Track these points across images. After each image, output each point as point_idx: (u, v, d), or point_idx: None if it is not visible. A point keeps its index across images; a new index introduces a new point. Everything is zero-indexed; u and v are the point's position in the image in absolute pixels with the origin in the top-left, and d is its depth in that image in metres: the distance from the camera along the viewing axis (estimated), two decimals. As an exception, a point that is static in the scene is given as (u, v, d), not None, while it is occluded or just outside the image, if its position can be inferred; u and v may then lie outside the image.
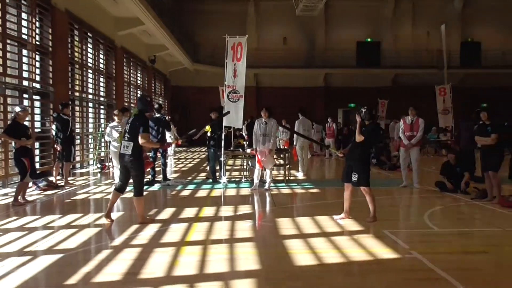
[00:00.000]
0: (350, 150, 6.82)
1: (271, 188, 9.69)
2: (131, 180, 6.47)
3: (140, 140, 6.25)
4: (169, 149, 18.04)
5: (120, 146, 6.68)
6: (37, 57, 11.72)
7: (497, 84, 28.06)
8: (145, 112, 6.56)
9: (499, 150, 8.16)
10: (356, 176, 6.45)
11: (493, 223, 6.93)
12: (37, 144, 11.54)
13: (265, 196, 9.01)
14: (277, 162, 9.61)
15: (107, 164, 13.67)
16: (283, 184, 10.56)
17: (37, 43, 11.70)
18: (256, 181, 9.73)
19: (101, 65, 16.48)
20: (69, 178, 10.51)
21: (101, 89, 16.55)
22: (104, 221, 6.57)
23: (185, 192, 9.61)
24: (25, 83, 11.18)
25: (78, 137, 14.02)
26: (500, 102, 24.95)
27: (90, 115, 15.65)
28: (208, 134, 10.72)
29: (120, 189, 6.51)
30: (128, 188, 6.69)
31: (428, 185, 9.88)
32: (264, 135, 9.47)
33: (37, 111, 11.87)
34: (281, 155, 11.68)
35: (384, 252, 5.03)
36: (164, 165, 10.97)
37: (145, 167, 7.00)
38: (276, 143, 9.79)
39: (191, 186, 10.40)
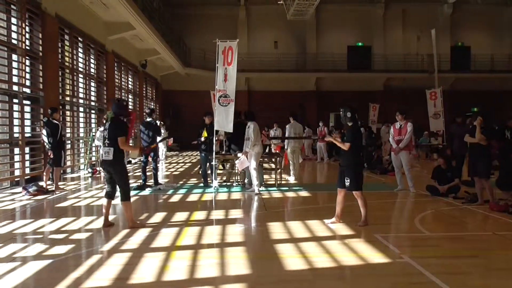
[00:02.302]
0: (342, 156, 6.82)
1: (261, 191, 9.72)
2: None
3: (120, 144, 6.27)
4: (160, 153, 18.00)
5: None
6: (27, 62, 11.65)
7: (487, 88, 28.32)
8: (120, 116, 6.56)
9: (488, 156, 8.17)
10: (349, 180, 6.46)
11: (483, 227, 7.00)
12: (27, 149, 11.49)
13: (256, 200, 9.01)
14: (247, 165, 9.68)
15: (98, 168, 13.60)
16: (275, 188, 10.57)
17: (27, 47, 11.63)
18: (251, 181, 9.86)
19: (92, 70, 16.40)
20: (59, 183, 10.45)
21: (92, 93, 16.48)
22: (94, 226, 6.57)
23: (176, 197, 9.58)
24: (15, 88, 11.09)
25: (69, 141, 13.93)
26: (490, 106, 25.15)
27: (81, 119, 15.57)
28: (202, 139, 10.73)
29: (110, 196, 6.49)
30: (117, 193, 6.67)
31: (419, 189, 9.91)
32: (247, 139, 9.57)
33: (27, 116, 11.77)
34: (273, 159, 11.69)
35: (375, 257, 5.04)
36: (155, 169, 10.94)
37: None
38: (256, 145, 9.67)
39: (182, 191, 10.37)
